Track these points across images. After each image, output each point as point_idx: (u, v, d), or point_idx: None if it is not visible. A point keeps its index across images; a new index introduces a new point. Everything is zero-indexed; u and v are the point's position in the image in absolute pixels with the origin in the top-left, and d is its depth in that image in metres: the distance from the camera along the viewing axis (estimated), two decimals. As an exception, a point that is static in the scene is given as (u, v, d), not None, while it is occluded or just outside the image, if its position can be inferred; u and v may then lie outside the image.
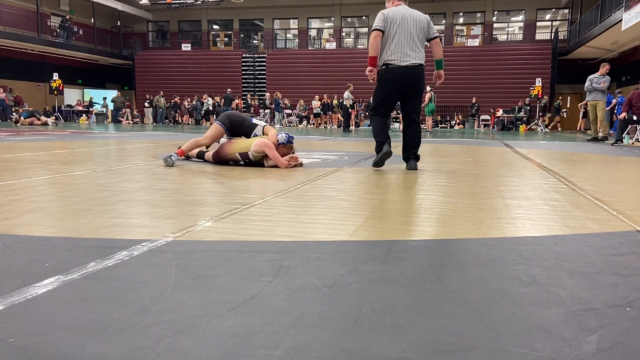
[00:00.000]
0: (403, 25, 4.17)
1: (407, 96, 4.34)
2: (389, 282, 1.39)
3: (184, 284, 1.36)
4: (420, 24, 4.24)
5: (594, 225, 2.19)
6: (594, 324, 1.13)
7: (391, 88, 4.28)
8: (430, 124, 16.01)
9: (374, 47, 4.20)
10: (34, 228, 1.99)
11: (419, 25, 4.23)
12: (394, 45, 4.17)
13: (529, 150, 7.30)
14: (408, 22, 4.19)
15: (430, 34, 4.33)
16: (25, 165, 4.28)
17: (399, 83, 4.24)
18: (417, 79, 4.26)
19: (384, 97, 4.36)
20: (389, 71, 4.23)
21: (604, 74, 10.93)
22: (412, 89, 4.30)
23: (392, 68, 4.20)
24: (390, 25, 4.17)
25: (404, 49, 4.17)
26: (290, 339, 1.03)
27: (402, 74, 4.20)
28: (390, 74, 4.22)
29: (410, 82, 4.25)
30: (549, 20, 26.68)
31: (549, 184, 3.54)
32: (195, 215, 2.26)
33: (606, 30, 17.19)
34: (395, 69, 4.19)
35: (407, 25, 4.18)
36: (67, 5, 26.16)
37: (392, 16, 4.19)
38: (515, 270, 1.52)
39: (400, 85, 4.26)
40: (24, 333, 1.04)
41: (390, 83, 4.26)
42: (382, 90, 4.32)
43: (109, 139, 9.04)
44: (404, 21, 4.18)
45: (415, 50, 4.22)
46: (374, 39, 4.18)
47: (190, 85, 25.87)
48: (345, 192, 3.06)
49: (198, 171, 4.03)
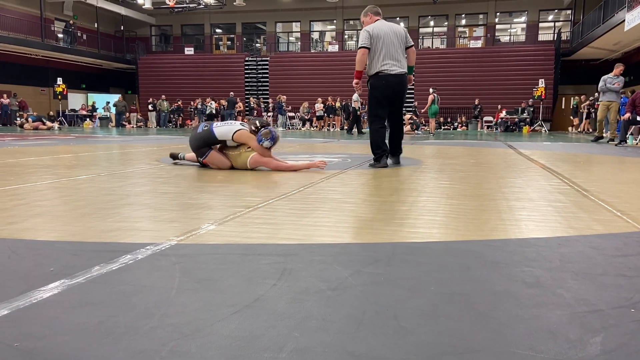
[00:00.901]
0: (387, 39, 4.66)
1: (397, 101, 4.86)
2: (392, 285, 1.39)
3: (188, 287, 1.36)
4: (399, 35, 4.73)
5: (598, 226, 2.18)
6: (598, 325, 1.13)
7: (385, 93, 4.75)
8: (433, 126, 16.00)
9: (361, 62, 4.74)
10: (39, 232, 2.00)
11: (399, 37, 4.73)
12: (382, 57, 4.66)
13: (533, 152, 7.28)
14: (390, 35, 4.68)
15: (408, 43, 4.83)
16: (30, 169, 4.30)
17: (391, 88, 4.73)
18: (404, 86, 4.82)
19: (380, 102, 4.79)
20: (381, 79, 4.70)
21: (618, 75, 10.81)
22: (401, 95, 4.86)
23: (383, 76, 4.68)
24: (376, 41, 4.65)
25: (392, 60, 4.68)
26: (294, 342, 1.03)
27: (393, 81, 4.70)
28: (383, 81, 4.70)
29: (399, 89, 4.77)
30: (552, 21, 26.64)
31: (553, 185, 3.53)
32: (199, 219, 2.26)
33: (609, 31, 17.16)
34: (386, 77, 4.68)
35: (390, 39, 4.67)
36: (71, 10, 26.27)
37: (377, 32, 4.67)
38: (520, 272, 1.51)
39: (393, 90, 4.75)
40: (29, 337, 1.05)
41: (382, 89, 4.74)
42: (377, 97, 4.77)
43: (112, 143, 9.07)
44: (387, 35, 4.66)
45: (400, 60, 4.73)
46: (361, 56, 4.71)
47: (194, 89, 25.92)
48: (349, 194, 3.06)
49: (201, 175, 4.04)
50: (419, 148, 7.86)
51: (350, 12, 27.68)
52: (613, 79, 10.84)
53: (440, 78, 23.35)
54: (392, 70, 4.67)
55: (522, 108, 21.09)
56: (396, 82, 4.71)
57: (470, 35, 26.86)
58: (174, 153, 5.06)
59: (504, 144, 9.49)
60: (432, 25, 27.88)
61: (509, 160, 5.77)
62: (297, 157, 5.74)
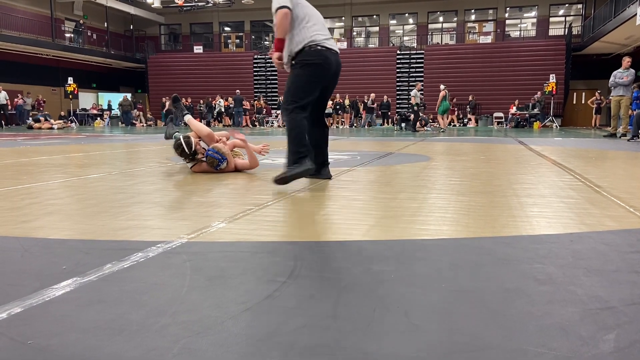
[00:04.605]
0: (311, 8, 3.43)
1: (330, 90, 3.58)
2: (403, 282, 1.39)
3: (198, 285, 1.36)
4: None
5: (611, 222, 2.16)
6: (611, 322, 1.12)
7: (321, 74, 3.34)
8: (443, 122, 15.91)
9: (284, 27, 3.26)
10: (51, 231, 2.01)
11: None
12: (311, 24, 3.32)
13: (544, 147, 7.23)
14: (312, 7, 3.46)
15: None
16: (42, 168, 4.34)
17: (331, 69, 3.36)
18: (340, 69, 3.49)
19: (310, 85, 3.33)
20: (319, 55, 3.29)
21: (627, 68, 10.71)
22: (337, 81, 3.54)
23: (321, 51, 3.29)
24: (297, 4, 3.34)
25: (325, 30, 3.40)
26: (305, 339, 1.03)
27: (333, 61, 3.36)
28: (321, 57, 3.29)
29: (337, 72, 3.46)
30: (563, 15, 26.40)
31: (565, 181, 3.50)
32: (209, 217, 2.27)
33: (620, 25, 16.97)
34: (325, 52, 3.31)
35: (313, 9, 3.44)
36: (81, 10, 26.46)
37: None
38: (531, 268, 1.50)
39: (333, 73, 3.41)
40: (42, 334, 1.06)
41: (320, 69, 3.31)
42: (309, 78, 3.31)
43: (123, 142, 9.13)
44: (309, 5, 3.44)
45: (331, 38, 3.43)
46: (284, 18, 3.23)
47: (203, 88, 26.01)
48: (358, 191, 3.06)
49: (210, 173, 4.05)
50: (428, 145, 7.84)
51: (359, 9, 27.63)
52: (622, 73, 10.74)
53: (450, 74, 23.23)
54: (330, 45, 3.36)
55: (532, 104, 20.93)
56: (336, 63, 3.38)
57: (479, 31, 26.68)
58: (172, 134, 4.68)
59: (514, 140, 9.42)
60: (441, 21, 27.72)
61: (520, 156, 5.73)
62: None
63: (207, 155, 3.94)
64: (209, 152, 3.94)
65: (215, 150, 3.93)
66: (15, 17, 22.19)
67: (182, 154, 4.03)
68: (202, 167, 4.04)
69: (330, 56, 3.32)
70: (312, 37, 3.28)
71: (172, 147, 4.12)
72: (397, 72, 25.02)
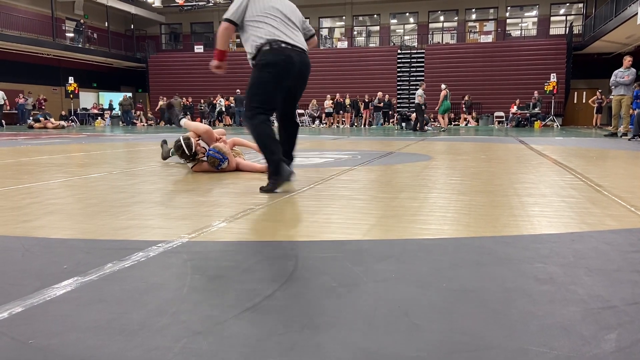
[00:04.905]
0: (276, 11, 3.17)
1: (299, 90, 3.33)
2: (403, 281, 1.39)
3: (199, 284, 1.36)
4: (296, 14, 3.29)
5: (612, 222, 2.16)
6: (613, 322, 1.11)
7: (282, 74, 3.10)
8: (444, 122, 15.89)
9: (223, 39, 3.25)
10: (52, 230, 2.02)
11: (296, 16, 3.28)
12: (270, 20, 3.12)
13: (545, 147, 7.22)
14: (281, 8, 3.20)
15: (307, 30, 3.40)
16: (43, 168, 4.34)
17: (294, 68, 3.11)
18: (309, 70, 3.26)
19: (272, 86, 3.11)
20: (280, 53, 3.06)
21: (628, 67, 10.71)
22: (306, 80, 3.31)
23: (282, 49, 3.06)
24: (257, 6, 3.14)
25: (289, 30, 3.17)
26: (306, 339, 1.03)
27: (297, 60, 3.12)
28: (282, 56, 3.06)
29: (305, 71, 3.23)
30: (563, 14, 26.36)
31: (566, 180, 3.50)
32: (210, 216, 2.27)
33: (621, 24, 16.94)
34: (286, 50, 3.07)
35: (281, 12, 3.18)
36: (82, 10, 26.45)
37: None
38: (532, 268, 1.50)
39: (298, 71, 3.15)
40: (43, 334, 1.06)
41: (280, 68, 3.06)
42: (270, 78, 3.08)
43: (123, 142, 9.13)
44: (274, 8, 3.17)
45: (297, 34, 3.21)
46: (224, 31, 3.19)
47: (203, 87, 26.00)
48: (359, 191, 3.06)
49: (211, 173, 4.05)
50: (429, 144, 7.84)
51: (360, 9, 27.60)
52: (623, 72, 10.73)
53: (451, 74, 23.21)
54: (294, 42, 3.12)
55: (533, 103, 20.91)
56: (300, 62, 3.12)
57: (480, 30, 26.63)
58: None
59: (515, 140, 9.41)
60: (442, 20, 27.70)
61: (521, 155, 5.72)
62: (307, 154, 5.75)
63: (209, 155, 3.95)
64: (210, 152, 3.95)
65: (216, 150, 3.95)
66: (16, 17, 22.19)
67: (182, 155, 4.04)
68: (202, 166, 4.05)
69: (292, 55, 3.09)
70: (270, 36, 3.07)
71: (173, 148, 4.14)
72: (398, 72, 25.01)
